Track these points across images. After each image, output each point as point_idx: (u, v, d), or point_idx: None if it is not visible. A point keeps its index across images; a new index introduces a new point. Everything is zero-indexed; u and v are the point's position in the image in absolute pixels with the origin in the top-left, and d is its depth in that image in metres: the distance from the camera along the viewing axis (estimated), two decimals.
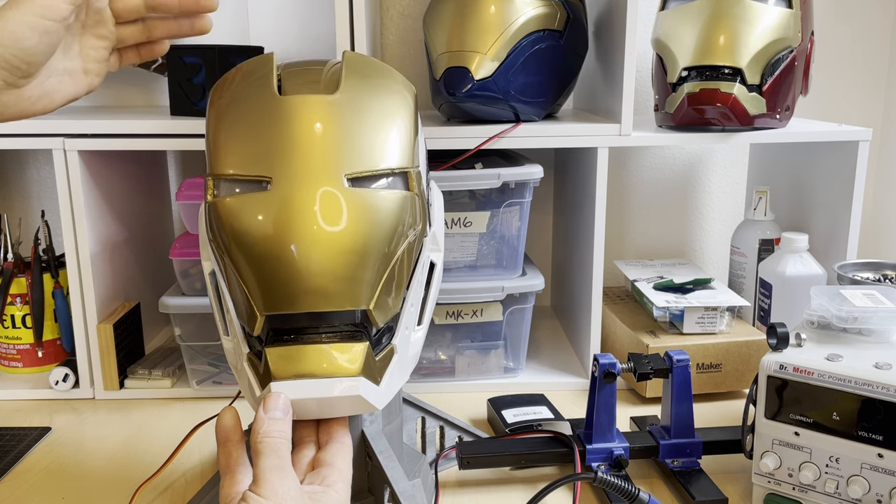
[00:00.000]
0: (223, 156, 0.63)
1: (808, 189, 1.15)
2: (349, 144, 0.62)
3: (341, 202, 0.60)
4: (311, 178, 0.60)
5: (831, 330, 0.78)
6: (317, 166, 0.61)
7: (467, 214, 1.03)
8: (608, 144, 1.01)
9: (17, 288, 1.11)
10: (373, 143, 0.63)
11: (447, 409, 0.91)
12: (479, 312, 1.06)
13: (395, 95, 0.67)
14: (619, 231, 1.42)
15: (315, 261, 0.59)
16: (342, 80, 0.65)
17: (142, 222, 1.21)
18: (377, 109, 0.64)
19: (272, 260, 0.59)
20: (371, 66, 0.68)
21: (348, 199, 0.60)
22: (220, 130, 0.64)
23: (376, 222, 0.61)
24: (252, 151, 0.62)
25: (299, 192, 0.60)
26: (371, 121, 0.64)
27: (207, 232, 0.64)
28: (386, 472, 0.67)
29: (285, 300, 0.59)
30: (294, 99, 0.63)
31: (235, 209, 0.61)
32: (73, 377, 1.06)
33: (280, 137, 0.61)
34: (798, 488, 0.73)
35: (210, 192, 0.63)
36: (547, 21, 1.02)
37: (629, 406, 1.02)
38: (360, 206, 0.61)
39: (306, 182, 0.60)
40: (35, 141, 1.01)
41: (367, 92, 0.65)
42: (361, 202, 0.61)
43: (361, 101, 0.64)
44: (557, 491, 0.73)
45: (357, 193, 0.61)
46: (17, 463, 0.89)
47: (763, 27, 0.99)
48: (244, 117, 0.63)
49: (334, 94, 0.64)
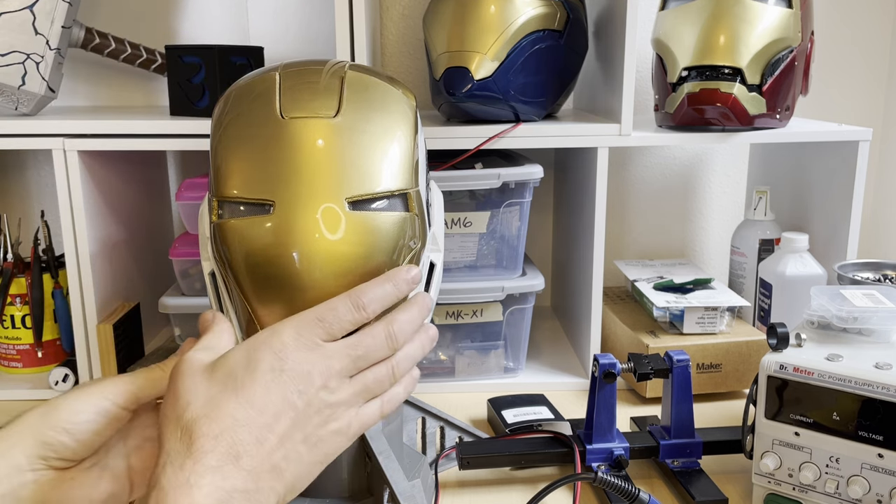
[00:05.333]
0: (227, 178, 0.64)
1: (808, 189, 1.15)
2: (350, 168, 0.63)
3: (342, 225, 0.62)
4: (312, 201, 0.62)
5: (831, 330, 0.78)
6: (318, 190, 0.62)
7: (467, 214, 1.03)
8: (608, 144, 1.01)
9: (16, 288, 1.11)
10: (372, 165, 0.64)
11: (447, 409, 0.90)
12: (479, 312, 1.06)
13: (396, 115, 0.67)
14: (619, 231, 1.42)
15: (317, 280, 0.60)
16: (343, 102, 0.66)
17: (142, 222, 1.21)
18: (377, 132, 0.65)
19: (275, 280, 0.61)
20: (372, 85, 0.68)
21: (349, 221, 0.62)
22: (225, 152, 0.65)
23: (376, 243, 0.62)
24: (255, 174, 0.63)
25: (301, 215, 0.61)
26: (371, 143, 0.65)
27: (212, 250, 0.65)
28: (385, 473, 0.67)
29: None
30: (296, 123, 0.64)
31: (239, 231, 0.62)
32: (72, 377, 1.06)
33: (282, 161, 0.63)
34: (798, 488, 0.73)
35: (215, 214, 0.65)
36: (547, 21, 1.02)
37: (629, 406, 1.02)
38: (361, 227, 0.62)
39: (308, 205, 0.61)
40: (35, 141, 1.01)
41: (367, 113, 0.66)
42: (362, 224, 0.62)
43: (362, 124, 0.65)
44: (557, 491, 0.73)
45: (357, 216, 0.62)
46: None
47: (763, 27, 0.99)
48: (248, 140, 0.64)
49: (335, 118, 0.64)
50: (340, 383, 0.55)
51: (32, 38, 1.03)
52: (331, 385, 0.54)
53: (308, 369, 0.53)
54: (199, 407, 0.50)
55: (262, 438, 0.51)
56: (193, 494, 0.46)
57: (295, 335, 0.54)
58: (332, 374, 0.54)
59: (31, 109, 1.07)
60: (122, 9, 1.28)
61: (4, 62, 1.02)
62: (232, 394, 0.51)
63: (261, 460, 0.50)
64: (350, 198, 0.62)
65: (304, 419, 0.53)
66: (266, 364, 0.52)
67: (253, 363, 0.52)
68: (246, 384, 0.51)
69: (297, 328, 0.55)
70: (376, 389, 0.58)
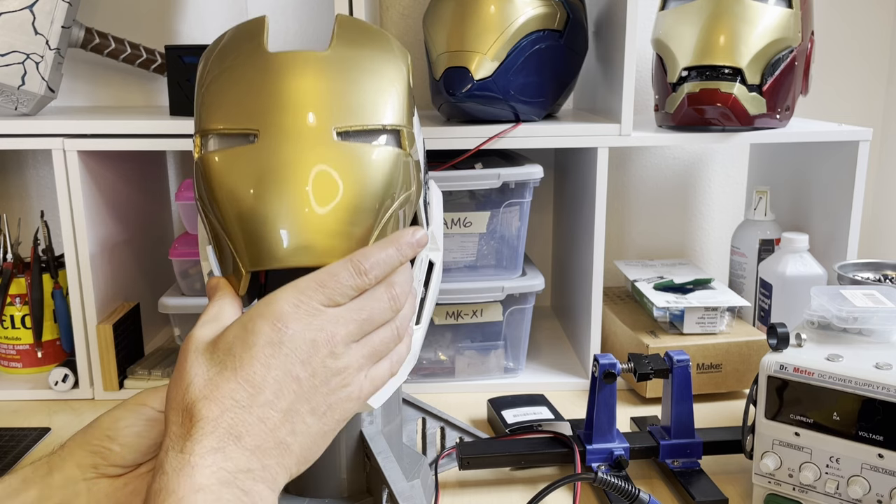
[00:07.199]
0: (211, 112, 0.61)
1: (808, 189, 1.15)
2: (339, 99, 0.60)
3: (330, 155, 0.59)
4: (299, 130, 0.59)
5: (831, 330, 0.77)
6: (305, 119, 0.59)
7: (467, 214, 1.03)
8: (608, 144, 1.01)
9: (16, 288, 1.10)
10: (364, 98, 0.61)
11: (447, 409, 0.90)
12: (479, 313, 1.06)
13: (389, 55, 0.65)
14: (619, 231, 1.42)
15: (302, 214, 0.57)
16: (334, 38, 0.63)
17: (141, 222, 1.21)
18: (369, 68, 0.62)
19: (258, 213, 0.57)
20: (364, 28, 0.66)
21: (338, 153, 0.59)
22: (208, 87, 0.62)
23: (367, 177, 0.59)
24: (239, 106, 0.60)
25: (286, 144, 0.58)
26: (362, 77, 0.62)
27: (195, 192, 0.62)
28: (384, 473, 0.67)
29: (271, 255, 0.57)
30: (284, 54, 0.62)
31: (221, 162, 0.59)
32: (72, 378, 1.06)
33: (268, 91, 0.60)
34: (798, 489, 0.73)
35: (197, 150, 0.62)
36: (547, 21, 1.02)
37: (629, 406, 1.02)
38: (350, 160, 0.59)
39: (294, 135, 0.59)
40: (34, 141, 1.01)
41: (359, 50, 0.63)
42: (351, 156, 0.59)
43: (353, 59, 0.62)
44: (557, 491, 0.73)
45: (347, 147, 0.59)
46: (16, 464, 0.89)
47: (763, 27, 0.99)
48: (232, 73, 0.62)
49: (325, 52, 0.62)
50: (347, 348, 0.54)
51: (32, 38, 1.03)
52: (337, 351, 0.53)
53: (312, 337, 0.52)
54: (198, 388, 0.50)
55: (263, 417, 0.50)
56: (195, 476, 0.46)
57: (294, 303, 0.52)
58: (337, 341, 0.53)
59: (30, 109, 1.07)
60: (122, 9, 1.28)
61: (4, 62, 1.02)
62: (231, 373, 0.50)
63: (264, 438, 0.49)
64: (340, 128, 0.60)
65: (310, 390, 0.52)
66: (264, 338, 0.51)
67: (251, 338, 0.51)
68: (245, 362, 0.50)
69: (296, 295, 0.53)
70: (384, 351, 0.57)
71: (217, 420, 0.48)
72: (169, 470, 0.47)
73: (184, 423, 0.49)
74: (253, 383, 0.50)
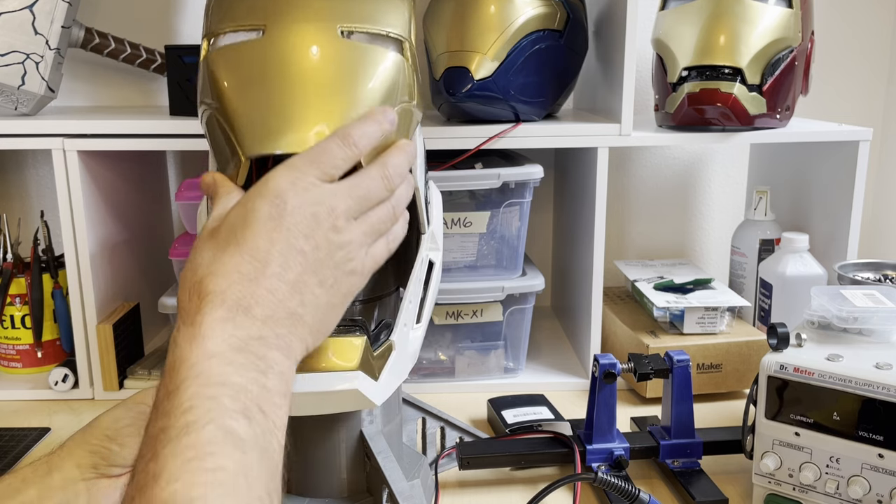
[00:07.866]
0: (220, 15, 0.63)
1: (808, 189, 1.15)
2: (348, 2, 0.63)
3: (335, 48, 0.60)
4: (304, 24, 0.60)
5: (832, 330, 0.77)
6: (310, 15, 0.61)
7: (467, 214, 1.03)
8: (608, 144, 1.01)
9: (16, 288, 1.10)
10: (371, 5, 0.63)
11: (447, 409, 0.90)
12: (479, 313, 1.06)
13: None
14: (619, 231, 1.42)
15: (305, 100, 0.59)
16: None
17: (141, 222, 1.21)
18: None
19: (261, 100, 0.59)
20: None
21: (342, 48, 0.60)
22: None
23: (368, 75, 0.61)
24: (246, 6, 0.62)
25: (293, 37, 0.60)
26: None
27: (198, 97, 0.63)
28: (384, 473, 0.67)
29: (272, 138, 0.58)
30: None
31: (228, 53, 0.61)
32: (72, 378, 1.06)
33: None
34: (798, 489, 0.73)
35: (204, 51, 0.63)
36: (547, 21, 1.02)
37: (629, 406, 1.02)
38: (353, 56, 0.61)
39: (300, 27, 0.60)
40: (34, 141, 1.01)
41: None
42: (354, 52, 0.61)
43: None
44: (557, 491, 0.73)
45: (350, 44, 0.61)
46: (16, 464, 0.89)
47: (763, 27, 0.99)
48: None
49: None
50: (348, 223, 0.55)
51: (32, 38, 1.03)
52: (339, 225, 0.54)
53: (312, 211, 0.53)
54: (204, 267, 0.51)
55: (272, 288, 0.50)
56: (206, 344, 0.47)
57: (290, 179, 0.53)
58: (338, 214, 0.54)
59: (30, 109, 1.07)
60: (122, 9, 1.28)
61: (4, 62, 1.02)
62: (234, 248, 0.51)
63: (274, 309, 0.50)
64: (345, 27, 0.61)
65: (316, 263, 0.53)
66: (264, 213, 0.52)
67: (251, 216, 0.52)
68: (247, 237, 0.51)
69: (291, 172, 0.53)
70: (382, 229, 0.58)
71: (225, 292, 0.49)
72: (181, 342, 0.47)
73: (192, 300, 0.49)
74: (258, 257, 0.51)
